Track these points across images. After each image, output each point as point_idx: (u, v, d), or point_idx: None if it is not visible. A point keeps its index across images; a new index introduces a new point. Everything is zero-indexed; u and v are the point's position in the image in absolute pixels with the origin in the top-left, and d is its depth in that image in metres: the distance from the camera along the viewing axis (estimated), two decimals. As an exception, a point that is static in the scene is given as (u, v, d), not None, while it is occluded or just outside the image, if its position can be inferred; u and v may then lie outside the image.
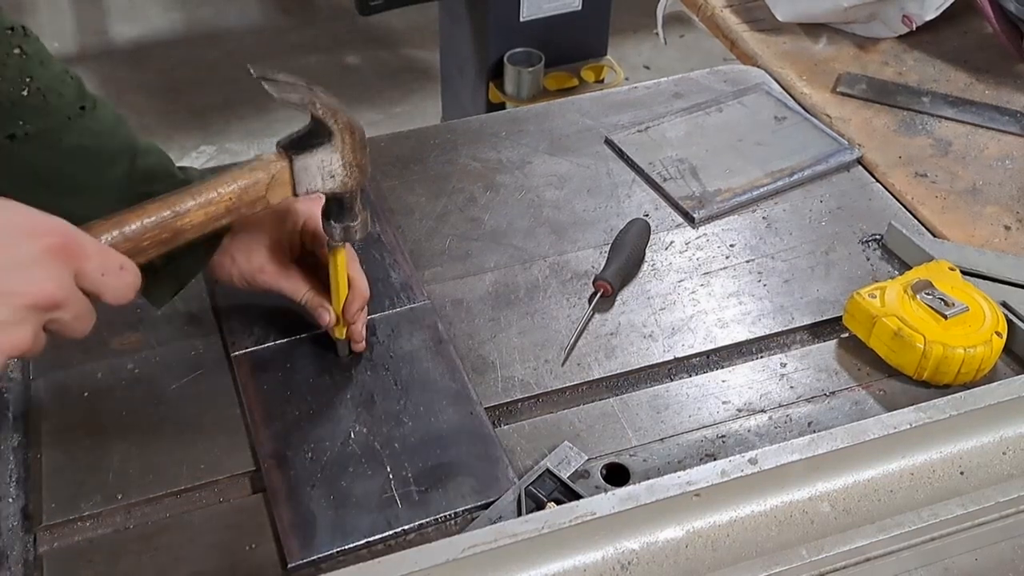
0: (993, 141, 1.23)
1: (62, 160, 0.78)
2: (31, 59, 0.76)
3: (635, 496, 0.70)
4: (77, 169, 0.78)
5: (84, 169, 0.79)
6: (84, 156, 0.79)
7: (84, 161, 0.79)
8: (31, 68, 0.76)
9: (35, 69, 0.76)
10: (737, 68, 1.36)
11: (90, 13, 3.31)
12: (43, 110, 0.76)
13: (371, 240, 1.04)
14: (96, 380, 0.89)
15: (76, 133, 0.78)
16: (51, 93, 0.77)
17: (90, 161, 0.79)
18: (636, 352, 0.95)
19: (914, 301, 0.93)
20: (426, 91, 2.98)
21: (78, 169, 0.78)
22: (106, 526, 0.79)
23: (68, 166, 0.78)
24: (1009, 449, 0.81)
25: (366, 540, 0.78)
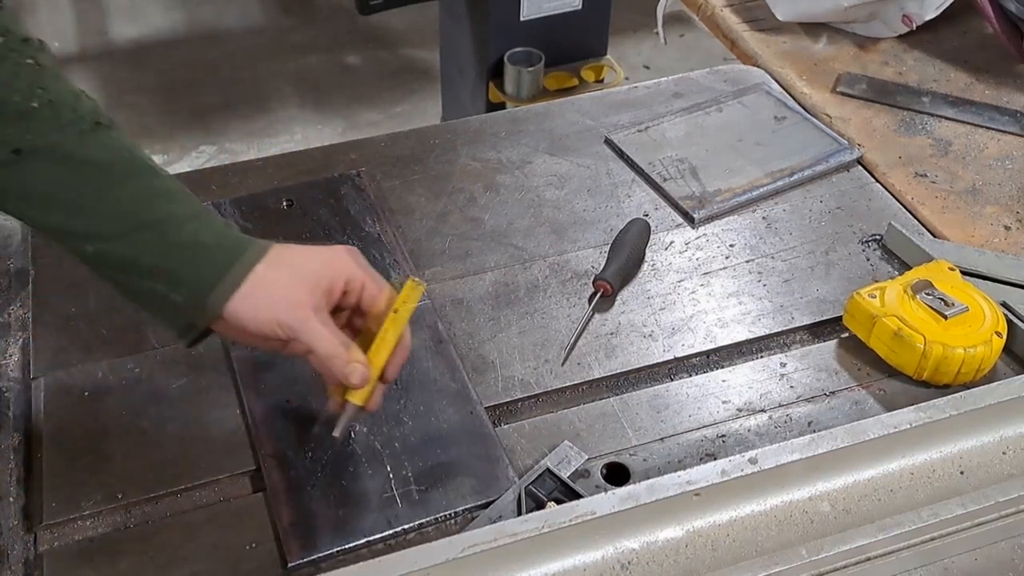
0: (993, 141, 1.23)
1: (71, 175, 0.73)
2: (45, 71, 0.74)
3: (635, 496, 0.70)
4: (88, 185, 0.74)
5: (96, 185, 0.74)
6: (96, 172, 0.74)
7: (96, 177, 0.74)
8: (44, 80, 0.73)
9: (48, 82, 0.73)
10: (737, 68, 1.36)
11: (90, 13, 3.31)
12: (54, 124, 0.73)
13: (371, 240, 1.04)
14: (96, 380, 0.89)
15: (88, 148, 0.74)
16: (64, 108, 0.74)
17: (102, 177, 0.74)
18: (636, 352, 0.95)
19: (914, 301, 0.93)
20: (426, 91, 2.98)
21: (89, 185, 0.74)
22: (106, 525, 0.79)
23: (78, 182, 0.73)
24: (1009, 449, 0.81)
25: (366, 539, 0.78)
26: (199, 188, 1.10)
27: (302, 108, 2.97)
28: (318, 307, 0.77)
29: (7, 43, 0.71)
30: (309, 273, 0.78)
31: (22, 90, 0.71)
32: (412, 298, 0.80)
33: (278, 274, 0.77)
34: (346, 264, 0.80)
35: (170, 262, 0.75)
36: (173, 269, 0.75)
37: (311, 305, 0.77)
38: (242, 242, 0.78)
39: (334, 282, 0.79)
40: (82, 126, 0.74)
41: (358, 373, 0.77)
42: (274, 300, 0.76)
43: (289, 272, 0.78)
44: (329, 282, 0.78)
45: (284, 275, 0.77)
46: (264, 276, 0.77)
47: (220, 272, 0.75)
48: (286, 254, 0.79)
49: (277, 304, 0.76)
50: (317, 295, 0.77)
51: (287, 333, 0.76)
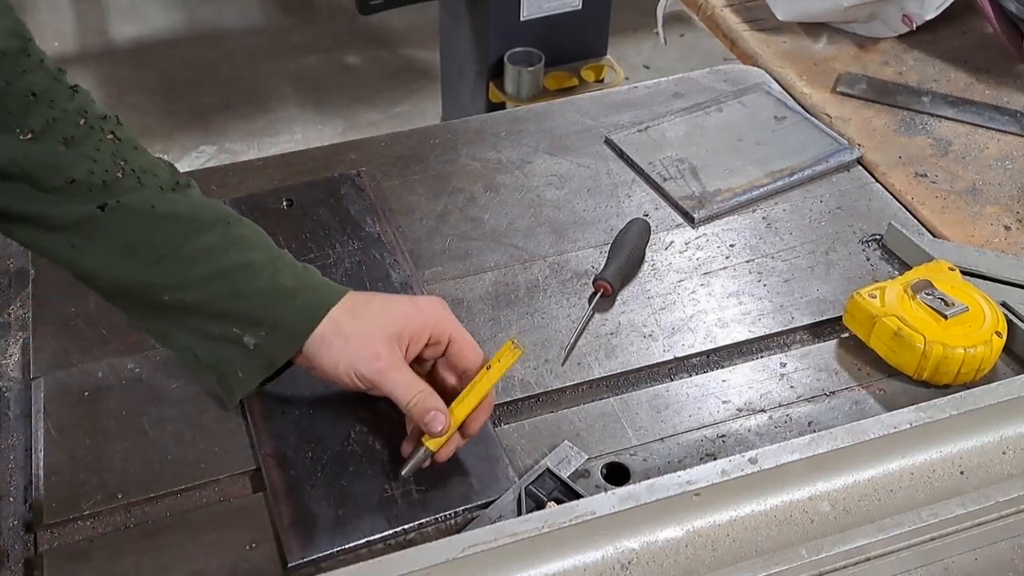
0: (993, 141, 1.23)
1: (153, 227, 0.76)
2: (124, 144, 0.77)
3: (635, 496, 0.70)
4: (169, 236, 0.77)
5: (176, 236, 0.77)
6: (176, 223, 0.77)
7: (176, 228, 0.77)
8: (125, 152, 0.77)
9: (129, 153, 0.77)
10: (737, 68, 1.36)
11: (90, 13, 3.31)
12: (136, 186, 0.76)
13: (371, 240, 1.04)
14: (96, 380, 0.89)
15: (170, 202, 0.77)
16: (146, 175, 0.77)
17: (183, 228, 0.77)
18: (636, 352, 0.95)
19: (914, 301, 0.93)
20: (426, 91, 2.99)
21: (170, 236, 0.77)
22: (106, 525, 0.79)
23: (159, 234, 0.76)
24: (1009, 449, 0.81)
25: (366, 539, 0.78)
26: (199, 188, 1.10)
27: (302, 108, 2.97)
28: (397, 359, 0.79)
29: (87, 122, 0.75)
30: (390, 324, 0.80)
31: (106, 162, 0.75)
32: (508, 358, 0.81)
33: (357, 325, 0.79)
34: (431, 316, 0.82)
35: (247, 306, 0.78)
36: (249, 313, 0.78)
37: (389, 359, 0.79)
38: (322, 287, 0.81)
39: (417, 334, 0.81)
40: (163, 185, 0.77)
41: (439, 421, 0.78)
42: (352, 351, 0.78)
43: (370, 322, 0.79)
44: (412, 334, 0.80)
45: (363, 325, 0.79)
46: (343, 324, 0.79)
47: (298, 314, 0.79)
48: (369, 303, 0.81)
49: (355, 356, 0.78)
50: (396, 347, 0.79)
51: (366, 385, 0.79)
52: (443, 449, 0.80)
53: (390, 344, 0.79)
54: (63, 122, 0.73)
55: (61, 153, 0.73)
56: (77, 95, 0.76)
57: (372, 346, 0.78)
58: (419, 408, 0.78)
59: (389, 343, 0.79)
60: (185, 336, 0.80)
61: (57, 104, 0.74)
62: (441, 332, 0.81)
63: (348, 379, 0.79)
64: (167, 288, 0.78)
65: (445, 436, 0.79)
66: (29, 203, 0.73)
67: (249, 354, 0.80)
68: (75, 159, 0.74)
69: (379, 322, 0.79)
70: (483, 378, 0.81)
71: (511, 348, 0.81)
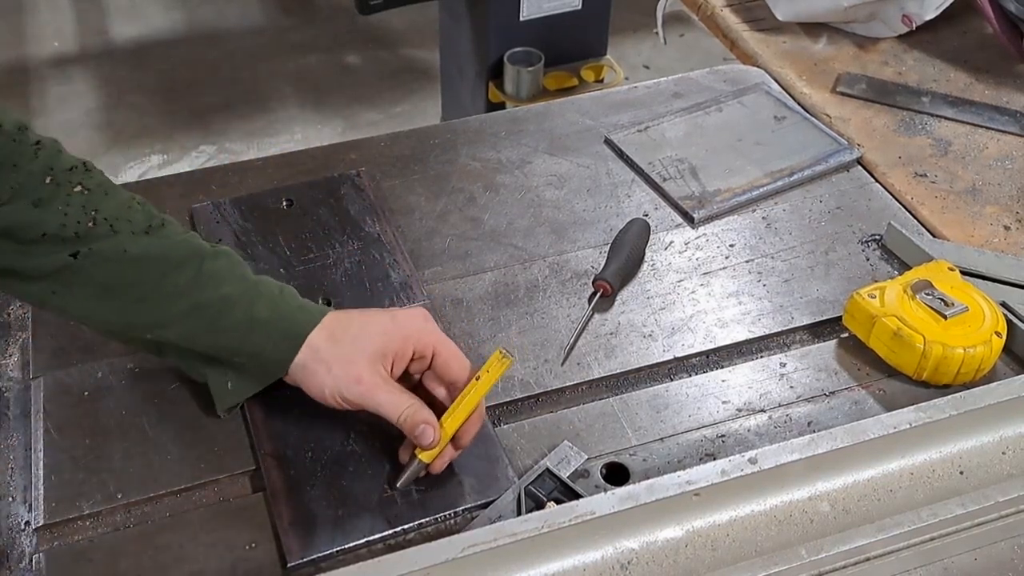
0: (993, 141, 1.23)
1: (127, 271, 0.78)
2: (94, 193, 0.78)
3: (635, 496, 0.70)
4: (144, 278, 0.78)
5: (151, 277, 0.78)
6: (150, 265, 0.78)
7: (150, 270, 0.78)
8: (95, 202, 0.78)
9: (99, 202, 0.78)
10: (737, 68, 1.36)
11: (90, 13, 3.31)
12: (110, 235, 0.77)
13: (371, 240, 1.04)
14: (96, 380, 0.89)
15: (143, 245, 0.78)
16: (119, 221, 0.78)
17: (157, 269, 0.78)
18: (636, 352, 0.95)
19: (914, 301, 0.93)
20: (426, 91, 2.98)
21: (145, 278, 0.78)
22: (106, 525, 0.79)
23: (134, 276, 0.78)
24: (1009, 449, 0.81)
25: (366, 539, 0.78)
26: (199, 188, 1.10)
27: (302, 108, 2.97)
28: (379, 379, 0.80)
29: (54, 179, 0.76)
30: (369, 345, 0.80)
31: (76, 215, 0.76)
32: (496, 369, 0.81)
33: (337, 350, 0.80)
34: (411, 331, 0.82)
35: (225, 340, 0.80)
36: (228, 346, 0.81)
37: (371, 379, 0.79)
38: (299, 312, 0.82)
39: (400, 351, 0.81)
40: (134, 230, 0.78)
41: (428, 435, 0.78)
42: (335, 377, 0.79)
43: (349, 346, 0.80)
44: (394, 352, 0.81)
45: (343, 350, 0.80)
46: (323, 351, 0.80)
47: (276, 345, 0.80)
48: (348, 325, 0.81)
49: (338, 381, 0.79)
50: (379, 367, 0.80)
51: (353, 407, 0.80)
52: (436, 461, 0.81)
53: (372, 365, 0.79)
54: (29, 185, 0.75)
55: (32, 212, 0.75)
56: (41, 152, 0.76)
57: (354, 370, 0.79)
58: (409, 423, 0.78)
59: (371, 364, 0.79)
60: (177, 359, 0.85)
61: (21, 167, 0.75)
62: (424, 346, 0.82)
63: (335, 403, 0.80)
64: (149, 327, 0.80)
65: (438, 448, 0.80)
66: (4, 256, 0.75)
67: (238, 372, 0.83)
68: (46, 216, 0.75)
69: (359, 345, 0.80)
70: (472, 389, 0.81)
71: (499, 358, 0.81)
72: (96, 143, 2.79)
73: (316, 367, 0.80)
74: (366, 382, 0.79)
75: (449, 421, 0.80)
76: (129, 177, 2.66)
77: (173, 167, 2.70)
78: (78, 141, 2.78)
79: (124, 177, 2.66)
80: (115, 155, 2.75)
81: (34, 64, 3.10)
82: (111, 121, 2.86)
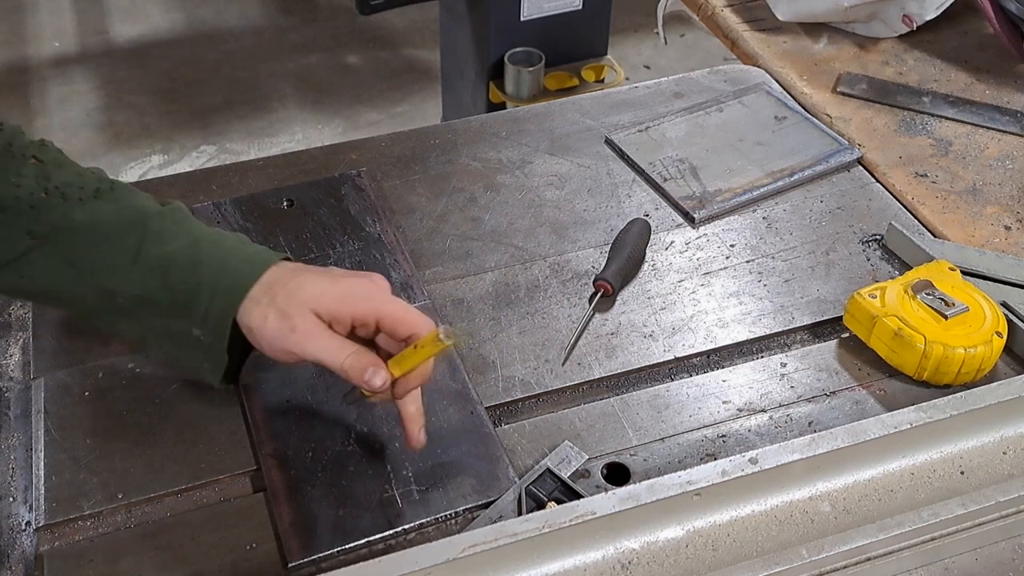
0: (993, 141, 1.23)
1: (80, 239, 0.79)
2: (47, 164, 0.80)
3: (635, 496, 0.70)
4: (94, 244, 0.79)
5: (100, 243, 0.79)
6: (99, 230, 0.79)
7: (98, 235, 0.79)
8: (47, 172, 0.80)
9: (52, 172, 0.80)
10: (737, 68, 1.36)
11: (90, 13, 3.31)
12: (62, 204, 0.79)
13: (371, 240, 1.04)
14: (96, 380, 0.89)
15: (90, 211, 0.79)
16: (70, 188, 0.80)
17: (106, 234, 0.79)
18: (636, 352, 0.95)
19: (914, 301, 0.93)
20: (426, 91, 2.99)
21: (95, 244, 0.79)
22: (106, 525, 0.79)
23: (86, 242, 0.79)
24: (1009, 449, 0.81)
25: (366, 539, 0.78)
26: (199, 188, 1.10)
27: (302, 108, 2.97)
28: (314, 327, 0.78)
29: (10, 152, 0.80)
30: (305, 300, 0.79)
31: (30, 186, 0.79)
32: (430, 345, 0.78)
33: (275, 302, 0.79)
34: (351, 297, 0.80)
35: (179, 297, 0.80)
36: (183, 304, 0.80)
37: (305, 327, 0.78)
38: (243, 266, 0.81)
39: (335, 313, 0.79)
40: (82, 196, 0.80)
41: (379, 376, 0.77)
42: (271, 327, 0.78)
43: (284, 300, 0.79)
44: (328, 312, 0.79)
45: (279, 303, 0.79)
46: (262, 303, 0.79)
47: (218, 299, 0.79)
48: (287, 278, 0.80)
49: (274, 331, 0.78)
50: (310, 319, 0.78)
51: (297, 360, 0.79)
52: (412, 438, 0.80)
53: (304, 315, 0.78)
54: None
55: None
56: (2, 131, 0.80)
57: (288, 321, 0.78)
58: (354, 368, 0.77)
59: (303, 315, 0.78)
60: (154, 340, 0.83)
61: None
62: (363, 313, 0.79)
63: (281, 356, 0.79)
64: (116, 293, 0.80)
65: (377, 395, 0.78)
66: None
67: (204, 347, 0.81)
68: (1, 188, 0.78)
69: (293, 299, 0.78)
70: (411, 352, 0.78)
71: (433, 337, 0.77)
72: (96, 143, 2.79)
73: (258, 321, 0.79)
74: (300, 330, 0.77)
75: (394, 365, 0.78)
76: (129, 177, 2.66)
77: (173, 167, 2.70)
78: (78, 141, 2.79)
79: (124, 177, 2.66)
80: (115, 155, 2.75)
81: (34, 64, 3.10)
82: (111, 121, 2.86)
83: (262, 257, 0.82)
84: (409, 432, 0.81)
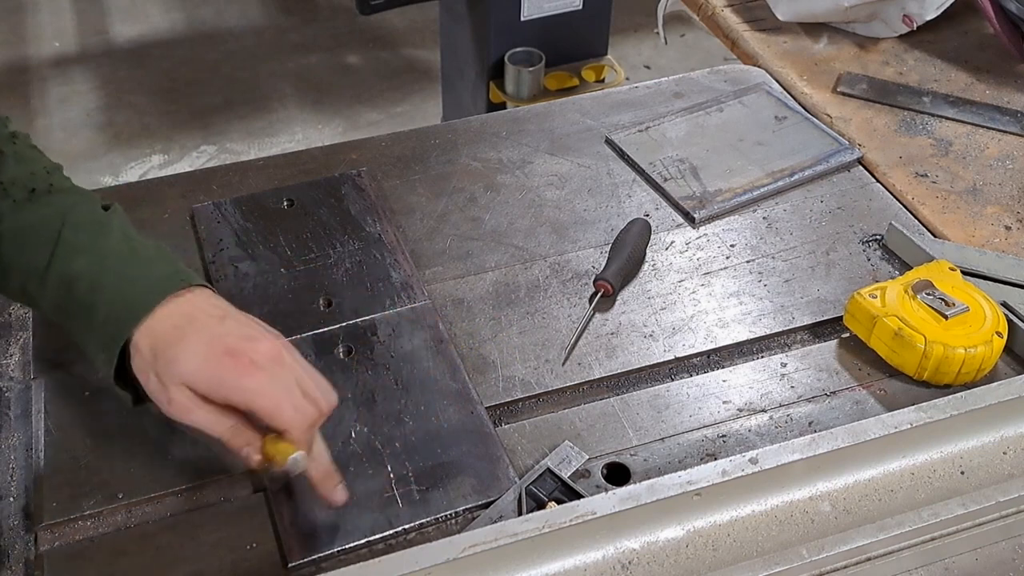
0: (993, 141, 1.23)
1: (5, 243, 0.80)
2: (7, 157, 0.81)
3: (636, 496, 0.70)
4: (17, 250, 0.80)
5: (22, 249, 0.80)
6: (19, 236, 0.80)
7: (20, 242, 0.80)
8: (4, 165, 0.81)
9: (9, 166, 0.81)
10: (737, 68, 1.36)
11: (90, 13, 3.31)
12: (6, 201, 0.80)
13: (372, 240, 1.04)
14: (96, 380, 0.89)
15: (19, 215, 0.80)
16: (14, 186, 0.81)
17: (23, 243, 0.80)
18: (637, 352, 0.95)
19: (914, 301, 0.93)
20: (426, 91, 2.99)
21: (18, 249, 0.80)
22: (107, 525, 0.79)
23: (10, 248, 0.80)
24: (1009, 449, 0.81)
25: (367, 539, 0.78)
26: (199, 188, 1.10)
27: (302, 108, 2.97)
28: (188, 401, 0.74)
29: None
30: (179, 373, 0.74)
31: None
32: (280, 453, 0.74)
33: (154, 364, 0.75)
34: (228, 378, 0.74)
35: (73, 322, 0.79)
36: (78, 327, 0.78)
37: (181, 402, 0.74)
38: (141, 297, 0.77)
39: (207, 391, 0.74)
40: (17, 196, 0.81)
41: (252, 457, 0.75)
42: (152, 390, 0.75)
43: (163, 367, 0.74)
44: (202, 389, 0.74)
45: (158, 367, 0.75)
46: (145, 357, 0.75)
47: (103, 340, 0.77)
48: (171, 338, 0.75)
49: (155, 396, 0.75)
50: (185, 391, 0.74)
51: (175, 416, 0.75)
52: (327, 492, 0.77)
53: (179, 389, 0.74)
54: None
55: None
56: None
57: (164, 392, 0.74)
58: (232, 443, 0.75)
59: (178, 389, 0.74)
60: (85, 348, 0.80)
61: None
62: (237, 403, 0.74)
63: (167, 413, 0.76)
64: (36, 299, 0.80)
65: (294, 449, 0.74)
66: None
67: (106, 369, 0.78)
68: None
69: (169, 369, 0.74)
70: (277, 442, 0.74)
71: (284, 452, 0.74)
72: (96, 143, 2.79)
73: (142, 378, 0.76)
74: (175, 403, 0.74)
75: None
76: (130, 177, 2.66)
77: (173, 167, 2.70)
78: (78, 141, 2.79)
79: (124, 177, 2.66)
80: (115, 155, 2.75)
81: (34, 64, 3.10)
82: (111, 121, 2.86)
83: (161, 286, 0.77)
84: (324, 496, 0.78)
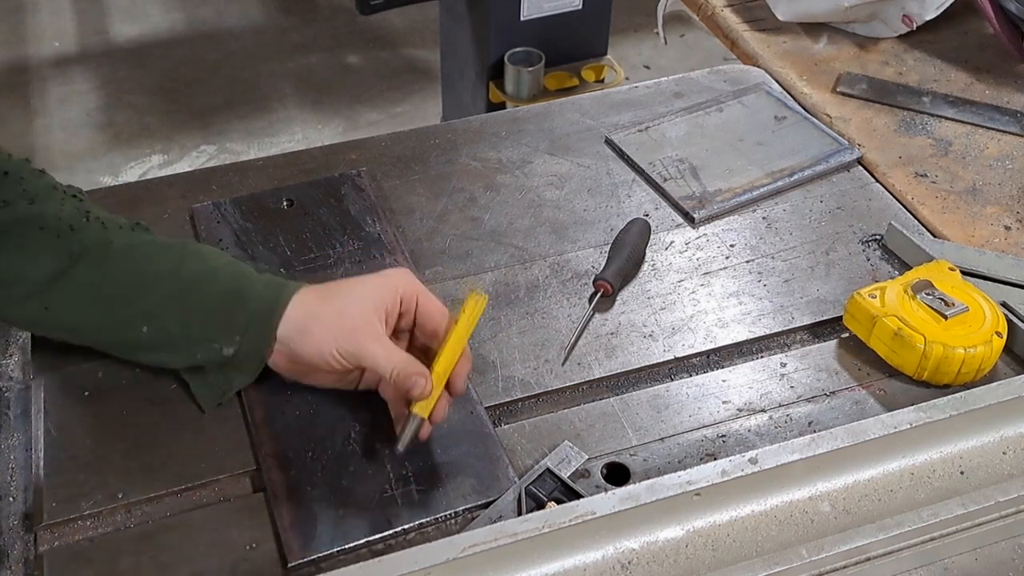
0: (993, 141, 1.23)
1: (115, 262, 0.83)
2: (84, 202, 0.86)
3: (635, 496, 0.70)
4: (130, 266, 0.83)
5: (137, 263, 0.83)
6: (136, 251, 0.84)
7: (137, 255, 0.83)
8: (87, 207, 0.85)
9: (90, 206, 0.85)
10: (737, 68, 1.36)
11: (90, 13, 3.31)
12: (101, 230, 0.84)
13: (371, 240, 1.04)
14: (96, 380, 0.89)
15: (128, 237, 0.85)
16: (109, 221, 0.85)
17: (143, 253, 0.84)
18: (636, 352, 0.95)
19: (914, 301, 0.93)
20: (426, 91, 2.99)
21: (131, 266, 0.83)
22: (106, 525, 0.79)
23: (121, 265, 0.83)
24: (1009, 449, 0.82)
25: (366, 539, 0.78)
26: (199, 188, 1.10)
27: (302, 108, 2.97)
28: (375, 331, 0.81)
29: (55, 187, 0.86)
30: (361, 299, 0.82)
31: (71, 212, 0.83)
32: (472, 309, 0.83)
33: (329, 306, 0.82)
34: (399, 283, 0.84)
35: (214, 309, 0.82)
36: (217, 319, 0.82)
37: (367, 330, 0.81)
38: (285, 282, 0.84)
39: (388, 302, 0.83)
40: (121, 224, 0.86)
41: (419, 385, 0.79)
42: (330, 329, 0.81)
43: (342, 301, 0.82)
44: (386, 304, 0.82)
45: (337, 305, 0.82)
46: (316, 309, 0.82)
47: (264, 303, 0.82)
48: (336, 286, 0.85)
49: (335, 334, 0.81)
50: (372, 319, 0.81)
51: (348, 361, 0.81)
52: (435, 412, 0.81)
53: (366, 317, 0.81)
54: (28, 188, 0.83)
55: (30, 208, 0.81)
56: (44, 175, 0.86)
57: (349, 321, 0.81)
58: (402, 375, 0.79)
59: (365, 316, 0.81)
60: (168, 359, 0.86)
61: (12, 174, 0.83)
62: (409, 297, 0.84)
63: (333, 359, 0.81)
64: (138, 319, 0.82)
65: (432, 399, 0.80)
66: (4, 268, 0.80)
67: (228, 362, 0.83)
68: (44, 209, 0.82)
69: (352, 298, 0.82)
70: (455, 334, 0.82)
71: (475, 298, 0.83)
72: (96, 143, 2.79)
73: (312, 326, 0.81)
74: (362, 331, 0.80)
75: (439, 366, 0.81)
76: (129, 177, 2.66)
77: (173, 167, 2.70)
78: (78, 141, 2.79)
79: (124, 177, 2.67)
80: (115, 155, 2.75)
81: (34, 64, 3.10)
82: (111, 121, 2.86)
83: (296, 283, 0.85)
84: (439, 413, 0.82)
